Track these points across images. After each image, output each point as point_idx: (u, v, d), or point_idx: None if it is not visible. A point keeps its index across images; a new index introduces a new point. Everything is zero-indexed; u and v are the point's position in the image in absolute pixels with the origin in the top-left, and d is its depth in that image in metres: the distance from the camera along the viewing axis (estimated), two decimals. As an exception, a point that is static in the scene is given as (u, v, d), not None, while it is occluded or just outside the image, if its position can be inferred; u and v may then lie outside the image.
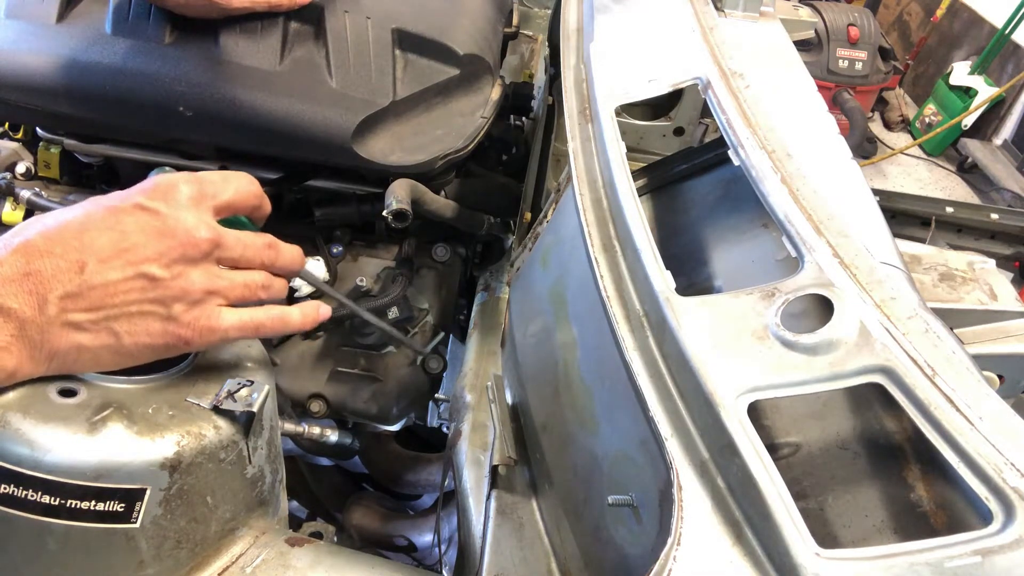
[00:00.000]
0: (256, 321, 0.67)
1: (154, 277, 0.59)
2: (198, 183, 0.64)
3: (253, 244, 0.67)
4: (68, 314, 0.57)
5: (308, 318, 0.72)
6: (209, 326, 0.63)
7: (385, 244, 1.28)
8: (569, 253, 0.90)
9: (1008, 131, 4.50)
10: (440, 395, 1.21)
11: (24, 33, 1.07)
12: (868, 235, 0.70)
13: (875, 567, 0.47)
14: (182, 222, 0.61)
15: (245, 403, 0.67)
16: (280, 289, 0.70)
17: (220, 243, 0.63)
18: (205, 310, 0.63)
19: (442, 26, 1.13)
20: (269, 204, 0.72)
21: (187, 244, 0.61)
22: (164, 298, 0.60)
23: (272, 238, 0.70)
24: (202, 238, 0.62)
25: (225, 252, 0.64)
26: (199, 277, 0.62)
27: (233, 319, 0.65)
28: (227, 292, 0.64)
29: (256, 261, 0.67)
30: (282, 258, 0.70)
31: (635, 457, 0.68)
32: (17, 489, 0.58)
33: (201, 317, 0.62)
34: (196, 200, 0.63)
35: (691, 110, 1.48)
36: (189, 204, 0.62)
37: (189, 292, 0.61)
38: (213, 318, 0.63)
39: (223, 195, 0.65)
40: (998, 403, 0.53)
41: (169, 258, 0.60)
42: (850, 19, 4.36)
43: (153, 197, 0.61)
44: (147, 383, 0.66)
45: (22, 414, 0.59)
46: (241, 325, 0.65)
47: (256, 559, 0.70)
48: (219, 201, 0.65)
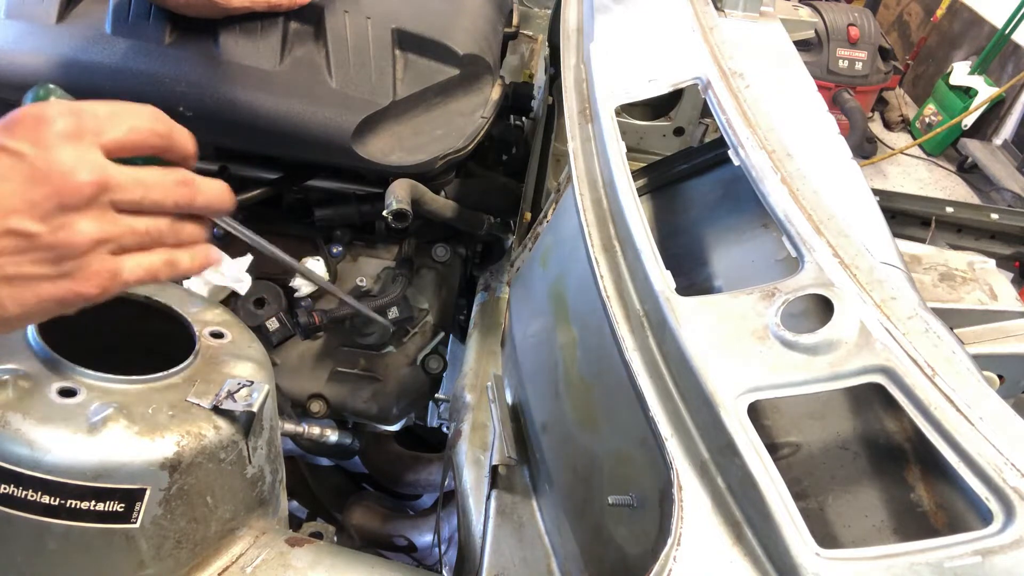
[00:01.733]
0: (153, 267, 0.57)
1: (28, 233, 0.50)
2: (76, 115, 0.52)
3: (159, 183, 0.56)
4: None
5: (196, 261, 0.61)
6: (108, 278, 0.54)
7: (385, 244, 1.28)
8: (569, 253, 0.90)
9: (1008, 131, 4.50)
10: (440, 395, 1.21)
11: (24, 33, 1.07)
12: (868, 235, 0.70)
13: (875, 567, 0.47)
14: (56, 164, 0.50)
15: (245, 403, 0.67)
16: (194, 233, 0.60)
17: (109, 184, 0.52)
18: (101, 261, 0.53)
19: (442, 26, 1.13)
20: (188, 141, 0.60)
21: (64, 190, 0.50)
22: (47, 256, 0.51)
23: (187, 173, 0.58)
24: (83, 181, 0.51)
25: (120, 194, 0.53)
26: (87, 226, 0.52)
27: (133, 267, 0.55)
28: (123, 239, 0.54)
29: (166, 202, 0.56)
30: (201, 196, 0.59)
31: (635, 457, 0.68)
32: (17, 489, 0.58)
33: (98, 270, 0.53)
34: (74, 135, 0.52)
35: (691, 110, 1.48)
36: (64, 141, 0.51)
37: (75, 245, 0.51)
38: (112, 268, 0.54)
39: (111, 131, 0.54)
40: (998, 403, 0.53)
41: (44, 208, 0.50)
42: (850, 19, 4.35)
43: (18, 135, 0.50)
44: (147, 383, 0.66)
45: (22, 414, 0.59)
46: (143, 273, 0.56)
47: (256, 559, 0.70)
48: (107, 138, 0.53)
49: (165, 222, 0.57)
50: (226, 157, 1.20)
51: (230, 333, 0.77)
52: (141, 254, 0.56)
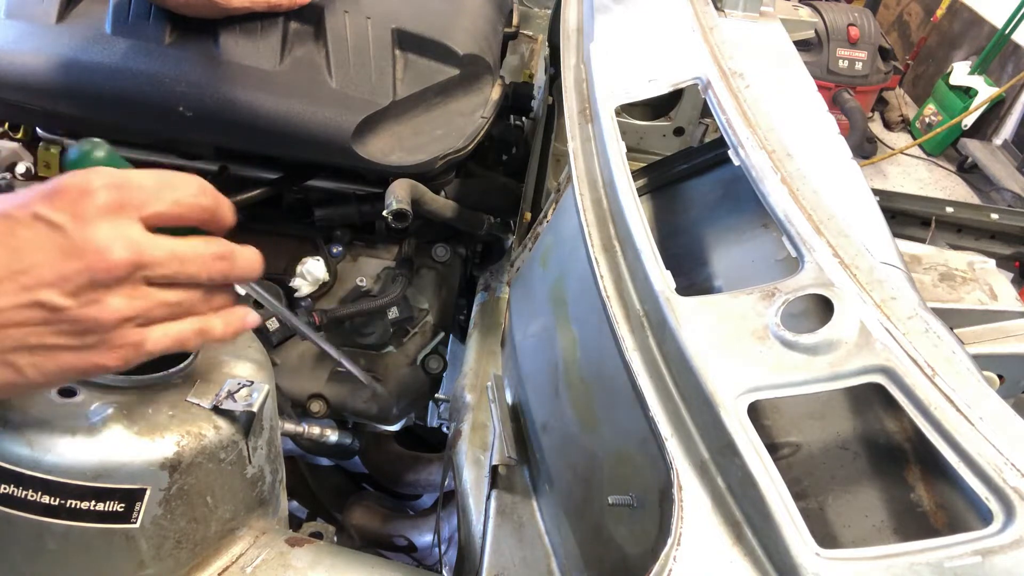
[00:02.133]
0: (182, 336, 0.57)
1: (55, 307, 0.49)
2: (119, 189, 0.52)
3: (196, 257, 0.55)
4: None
5: (231, 328, 0.61)
6: (131, 351, 0.54)
7: (385, 244, 1.28)
8: (569, 253, 0.90)
9: (1008, 131, 4.50)
10: (440, 395, 1.21)
11: (24, 33, 1.07)
12: (868, 235, 0.70)
13: (875, 567, 0.47)
14: (91, 240, 0.50)
15: (245, 403, 0.67)
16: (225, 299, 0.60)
17: (143, 262, 0.52)
18: (125, 335, 0.53)
19: (442, 26, 1.13)
20: (230, 213, 0.59)
21: (98, 267, 0.50)
22: (72, 329, 0.51)
23: (226, 246, 0.58)
24: (117, 259, 0.50)
25: (155, 271, 0.53)
26: (117, 303, 0.51)
27: (159, 337, 0.55)
28: (152, 314, 0.54)
29: (202, 276, 0.56)
30: (237, 268, 0.59)
31: (635, 457, 0.68)
32: (17, 489, 0.58)
33: (122, 344, 0.53)
34: (114, 209, 0.51)
35: (691, 110, 1.48)
36: (104, 215, 0.50)
37: (103, 321, 0.51)
38: (136, 340, 0.54)
39: (155, 205, 0.53)
40: (998, 403, 0.53)
41: (75, 284, 0.49)
42: (850, 19, 4.35)
43: (57, 206, 0.50)
44: (147, 383, 0.66)
45: (22, 414, 0.59)
46: (171, 342, 0.56)
47: (256, 559, 0.70)
48: (149, 211, 0.53)
49: (198, 293, 0.57)
50: (226, 157, 1.20)
51: (230, 333, 0.77)
52: (169, 323, 0.56)
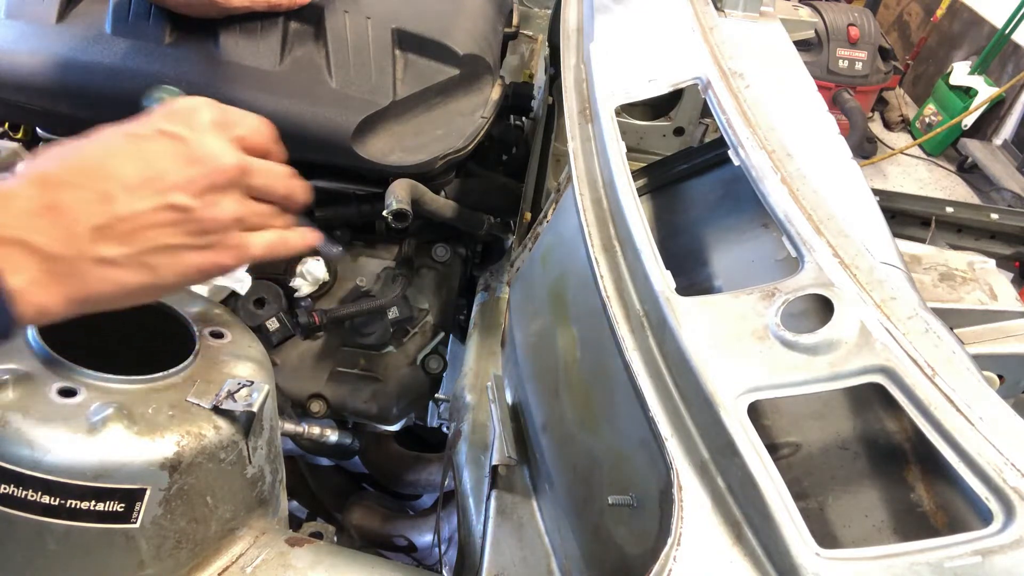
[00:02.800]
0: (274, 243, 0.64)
1: (185, 207, 0.56)
2: (221, 109, 0.61)
3: (276, 174, 0.64)
4: (99, 247, 0.53)
5: (304, 240, 0.69)
6: (241, 252, 0.61)
7: (385, 244, 1.28)
8: (569, 253, 0.90)
9: (1008, 131, 4.50)
10: (440, 395, 1.21)
11: (24, 33, 1.07)
12: (868, 235, 0.70)
13: (875, 567, 0.47)
14: (208, 148, 0.58)
15: (245, 403, 0.67)
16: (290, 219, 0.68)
17: (248, 170, 0.61)
18: (236, 237, 0.61)
19: (442, 26, 1.13)
20: (283, 151, 0.68)
21: (216, 171, 0.58)
22: (197, 230, 0.58)
23: (292, 170, 0.67)
24: (230, 164, 0.59)
25: (253, 179, 0.61)
26: (229, 205, 0.59)
27: (259, 243, 0.63)
28: (251, 220, 0.62)
29: (278, 192, 0.65)
30: (300, 189, 0.68)
31: (635, 457, 0.68)
32: (17, 489, 0.58)
33: (234, 244, 0.61)
34: (219, 126, 0.60)
35: (691, 110, 1.48)
36: (213, 129, 0.59)
37: (219, 221, 0.59)
38: (243, 242, 0.61)
39: (241, 128, 0.62)
40: (998, 403, 0.53)
41: (199, 186, 0.57)
42: (850, 19, 4.35)
43: (175, 122, 0.58)
44: (147, 383, 0.66)
45: (22, 414, 0.59)
46: (268, 246, 0.64)
47: (256, 559, 0.70)
48: (238, 132, 0.62)
49: (274, 209, 0.65)
50: (226, 157, 1.20)
51: (230, 333, 0.77)
52: (261, 232, 0.63)
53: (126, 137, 0.57)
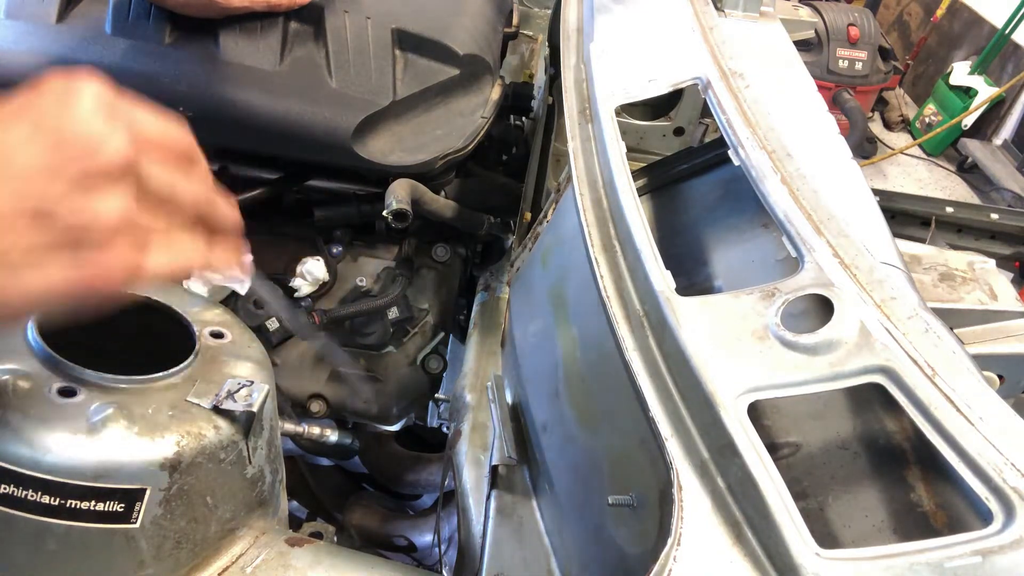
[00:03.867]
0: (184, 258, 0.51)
1: (44, 209, 0.43)
2: (112, 93, 0.47)
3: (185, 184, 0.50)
4: None
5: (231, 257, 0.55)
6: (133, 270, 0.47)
7: (385, 244, 1.28)
8: (569, 253, 0.90)
9: (1008, 131, 4.50)
10: (440, 395, 1.21)
11: (24, 33, 1.07)
12: (868, 235, 0.70)
13: (875, 567, 0.47)
14: (85, 131, 0.44)
15: (245, 403, 0.67)
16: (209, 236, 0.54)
17: (140, 161, 0.46)
18: (121, 253, 0.46)
19: (442, 26, 1.13)
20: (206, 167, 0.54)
21: (89, 158, 0.44)
22: (62, 240, 0.44)
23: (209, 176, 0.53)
24: (113, 150, 0.45)
25: (150, 177, 0.47)
26: (113, 204, 0.45)
27: (162, 258, 0.49)
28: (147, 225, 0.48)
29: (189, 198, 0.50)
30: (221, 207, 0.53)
31: (635, 457, 0.68)
32: (17, 489, 0.58)
33: (120, 258, 0.46)
34: (108, 108, 0.46)
35: (691, 110, 1.48)
36: (96, 109, 0.45)
37: (98, 226, 0.45)
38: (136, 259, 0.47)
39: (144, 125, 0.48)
40: (998, 403, 0.53)
41: (66, 177, 0.44)
42: (850, 19, 4.35)
43: (46, 95, 0.45)
44: (147, 383, 0.66)
45: (22, 414, 0.59)
46: (166, 265, 0.49)
47: (256, 559, 0.70)
48: (139, 128, 0.48)
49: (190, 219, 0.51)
50: (226, 157, 1.20)
51: (230, 333, 0.77)
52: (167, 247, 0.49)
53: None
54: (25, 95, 0.46)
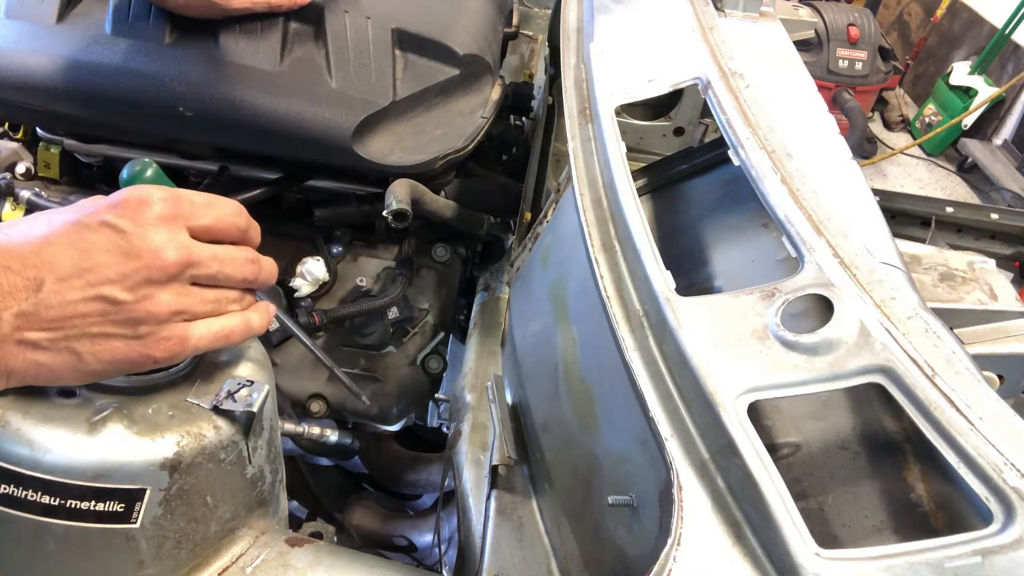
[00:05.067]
0: (226, 330, 0.64)
1: (116, 300, 0.57)
2: (174, 201, 0.60)
3: (232, 259, 0.64)
4: (23, 332, 0.55)
5: (265, 320, 0.69)
6: (178, 344, 0.61)
7: (385, 244, 1.28)
8: (569, 253, 0.90)
9: (1008, 131, 4.50)
10: (440, 395, 1.21)
11: (24, 33, 1.07)
12: (868, 235, 0.70)
13: (875, 567, 0.47)
14: (148, 242, 0.58)
15: (245, 403, 0.67)
16: (252, 299, 0.68)
17: (192, 262, 0.60)
18: (173, 328, 0.60)
19: (442, 26, 1.13)
20: (258, 234, 0.69)
21: (153, 266, 0.58)
22: (127, 320, 0.58)
23: (253, 252, 0.67)
24: (170, 260, 0.58)
25: (200, 270, 0.61)
26: (167, 299, 0.59)
27: (203, 331, 0.62)
28: (195, 309, 0.62)
29: (236, 277, 0.64)
30: (264, 273, 0.67)
31: (635, 457, 0.68)
32: (17, 489, 0.58)
33: (169, 336, 0.60)
34: (168, 219, 0.59)
35: (691, 110, 1.48)
36: (159, 223, 0.59)
37: (154, 315, 0.58)
38: (181, 335, 0.61)
39: (201, 219, 0.62)
40: (998, 403, 0.53)
41: (133, 280, 0.57)
42: (850, 19, 4.35)
43: (121, 214, 0.58)
44: (147, 383, 0.66)
45: (22, 414, 0.59)
46: (211, 337, 0.63)
47: (256, 559, 0.70)
48: (195, 223, 0.61)
49: (233, 294, 0.65)
50: (226, 157, 1.20)
51: (230, 333, 0.77)
52: (207, 320, 0.63)
53: (70, 225, 0.57)
54: (107, 207, 0.58)
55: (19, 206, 1.21)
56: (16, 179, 1.24)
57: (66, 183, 1.27)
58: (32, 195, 1.18)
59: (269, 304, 0.70)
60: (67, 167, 1.26)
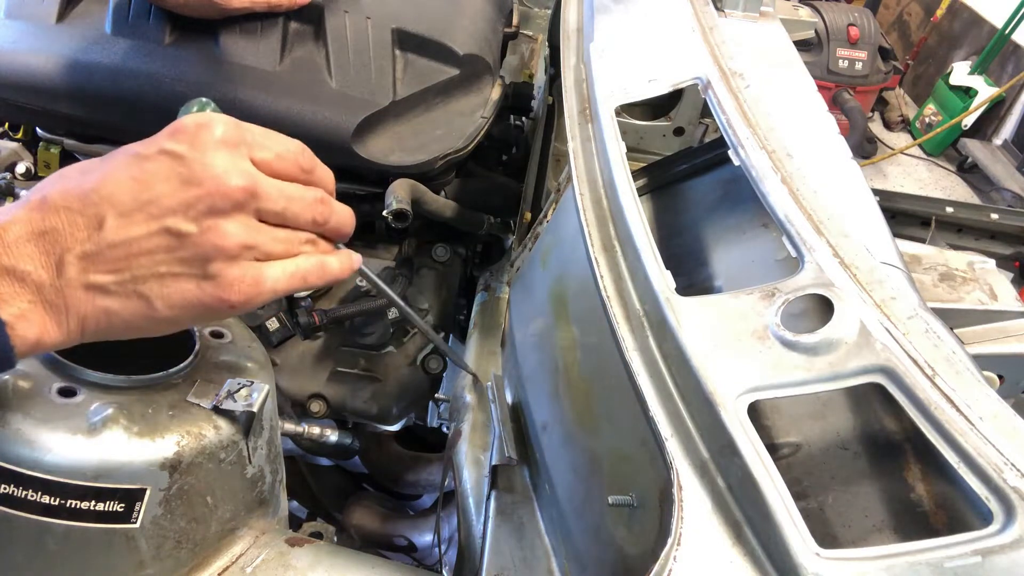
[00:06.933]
0: (302, 271, 0.59)
1: (179, 232, 0.52)
2: (236, 127, 0.56)
3: (301, 197, 0.58)
4: (89, 275, 0.51)
5: (346, 266, 0.64)
6: (253, 285, 0.55)
7: (385, 244, 1.28)
8: (569, 253, 0.90)
9: (1008, 131, 4.50)
10: (440, 395, 1.21)
11: (24, 33, 1.07)
12: (868, 235, 0.70)
13: (875, 567, 0.47)
14: (210, 167, 0.53)
15: (245, 403, 0.67)
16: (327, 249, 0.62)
17: (257, 192, 0.54)
18: (245, 268, 0.55)
19: (442, 26, 1.13)
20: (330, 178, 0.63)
21: (216, 193, 0.53)
22: (195, 256, 0.53)
23: (324, 193, 0.61)
24: (234, 186, 0.53)
25: (265, 203, 0.55)
26: (234, 230, 0.54)
27: (277, 273, 0.57)
28: (266, 247, 0.56)
29: (304, 217, 0.58)
30: (335, 216, 0.61)
31: (635, 457, 0.68)
32: (17, 489, 0.58)
33: (243, 276, 0.54)
34: (230, 144, 0.54)
35: (691, 110, 1.48)
36: (221, 146, 0.54)
37: (223, 248, 0.53)
38: (255, 276, 0.55)
39: (263, 150, 0.56)
40: (998, 403, 0.53)
41: (196, 210, 0.52)
42: (850, 19, 4.35)
43: (179, 139, 0.54)
44: (147, 383, 0.66)
45: (22, 414, 0.59)
46: (287, 279, 0.57)
47: (256, 559, 0.70)
48: (258, 155, 0.56)
49: (305, 235, 0.59)
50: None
51: (230, 333, 0.77)
52: (284, 260, 0.57)
53: (128, 158, 0.53)
54: (165, 135, 0.54)
55: (19, 206, 1.21)
56: (16, 179, 1.24)
57: (66, 183, 1.27)
58: (32, 195, 1.18)
59: (352, 253, 0.64)
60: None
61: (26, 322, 0.49)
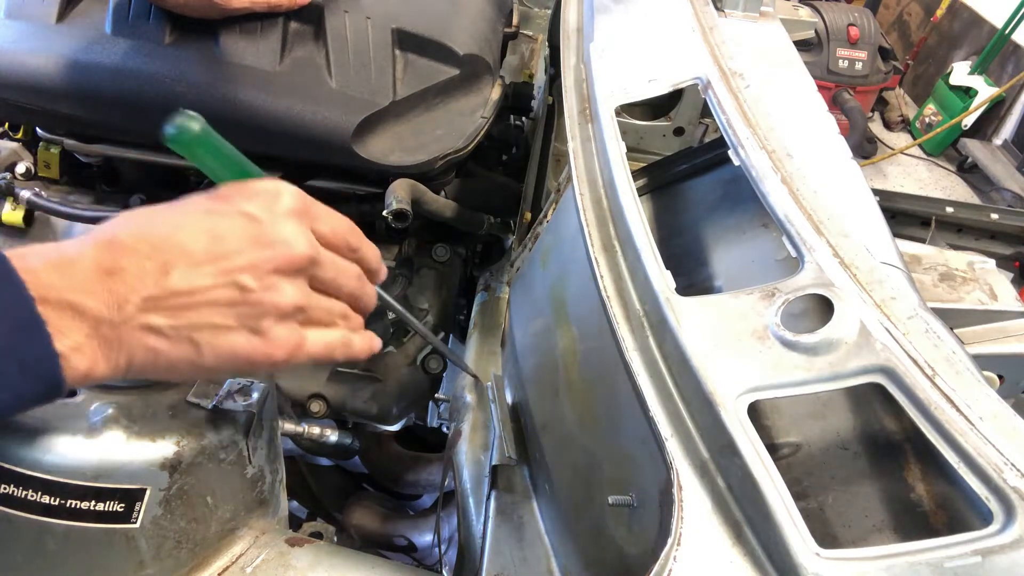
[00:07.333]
0: (333, 344, 0.62)
1: (244, 287, 0.55)
2: (303, 198, 0.60)
3: (347, 270, 0.63)
4: (148, 317, 0.53)
5: (365, 348, 0.67)
6: (296, 347, 0.58)
7: (385, 244, 1.28)
8: (569, 253, 0.90)
9: (1008, 131, 4.50)
10: (440, 395, 1.21)
11: (24, 33, 1.07)
12: (868, 235, 0.70)
13: (875, 567, 0.47)
14: (281, 233, 0.57)
15: (245, 403, 0.67)
16: (358, 321, 0.66)
17: (317, 260, 0.59)
18: (292, 329, 0.58)
19: (442, 26, 1.13)
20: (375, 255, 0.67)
21: (283, 256, 0.56)
22: (251, 312, 0.56)
23: (361, 272, 0.65)
24: (299, 253, 0.57)
25: (320, 271, 0.60)
26: (291, 292, 0.57)
27: (315, 339, 0.60)
28: (313, 313, 0.60)
29: (345, 289, 0.63)
30: (366, 295, 0.66)
31: (635, 457, 0.68)
32: (17, 489, 0.58)
33: (289, 336, 0.58)
34: (299, 213, 0.59)
35: (691, 110, 1.48)
36: (292, 215, 0.58)
37: (279, 306, 0.56)
38: (299, 339, 0.58)
39: (323, 223, 0.61)
40: (998, 403, 0.53)
41: (262, 269, 0.56)
42: (850, 19, 4.35)
43: (255, 203, 0.58)
44: (147, 383, 0.66)
45: (22, 415, 0.59)
46: (321, 348, 0.61)
47: (256, 559, 0.70)
48: (318, 227, 0.61)
49: (343, 307, 0.63)
50: (226, 157, 1.20)
51: (230, 333, 0.77)
52: (322, 330, 0.61)
53: (202, 212, 0.57)
54: (241, 195, 0.58)
55: (19, 206, 1.21)
56: (16, 179, 1.24)
57: (66, 183, 1.27)
58: (32, 195, 1.18)
59: (374, 336, 0.68)
60: (67, 167, 1.26)
61: (80, 355, 0.51)
